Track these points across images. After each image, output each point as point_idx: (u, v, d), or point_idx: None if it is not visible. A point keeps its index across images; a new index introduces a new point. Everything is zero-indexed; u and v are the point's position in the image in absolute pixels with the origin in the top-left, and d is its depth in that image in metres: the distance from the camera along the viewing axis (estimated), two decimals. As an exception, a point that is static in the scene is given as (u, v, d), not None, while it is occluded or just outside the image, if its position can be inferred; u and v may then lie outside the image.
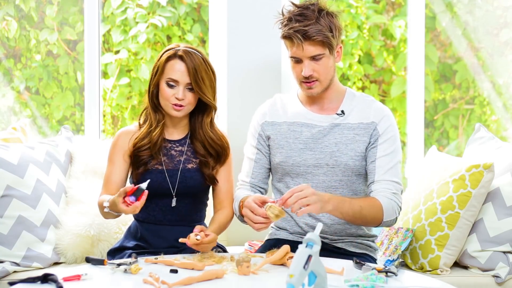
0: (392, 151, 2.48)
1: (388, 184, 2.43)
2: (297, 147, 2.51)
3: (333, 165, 2.48)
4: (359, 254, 2.52)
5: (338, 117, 2.51)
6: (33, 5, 4.01)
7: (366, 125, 2.49)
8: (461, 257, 2.80)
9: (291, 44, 2.43)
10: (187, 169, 2.51)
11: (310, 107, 2.55)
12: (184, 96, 2.45)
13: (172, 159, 2.52)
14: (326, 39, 2.40)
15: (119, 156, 2.52)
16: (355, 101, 2.54)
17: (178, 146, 2.54)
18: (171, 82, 2.45)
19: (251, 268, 2.05)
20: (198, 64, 2.45)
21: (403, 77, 4.33)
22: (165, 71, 2.46)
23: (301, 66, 2.44)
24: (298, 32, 2.38)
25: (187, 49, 2.47)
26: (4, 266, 2.70)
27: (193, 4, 4.25)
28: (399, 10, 4.43)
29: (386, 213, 2.39)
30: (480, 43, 4.19)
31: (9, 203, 2.76)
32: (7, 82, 3.97)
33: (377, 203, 2.37)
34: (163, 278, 1.95)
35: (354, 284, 1.89)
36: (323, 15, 2.41)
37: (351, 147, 2.47)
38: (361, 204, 2.34)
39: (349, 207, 2.31)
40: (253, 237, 3.11)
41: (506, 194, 2.76)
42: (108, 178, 2.51)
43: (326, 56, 2.43)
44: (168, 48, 2.50)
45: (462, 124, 4.43)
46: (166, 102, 2.46)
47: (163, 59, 2.47)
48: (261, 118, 2.59)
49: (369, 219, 2.38)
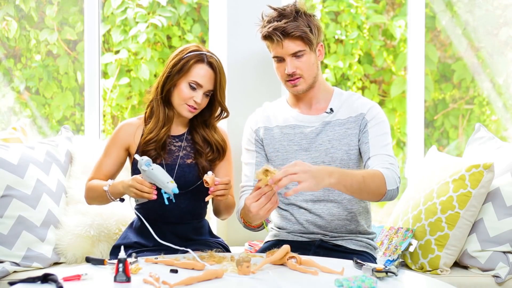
0: (383, 133, 2.49)
1: (384, 157, 2.43)
2: (292, 149, 2.55)
3: (329, 162, 2.51)
4: (359, 252, 2.53)
5: (328, 115, 2.56)
6: (33, 5, 4.01)
7: (355, 118, 2.53)
8: (461, 257, 2.80)
9: (272, 43, 2.50)
10: (186, 164, 2.54)
11: (299, 109, 2.60)
12: (201, 101, 2.49)
13: (171, 154, 2.55)
14: (304, 35, 2.46)
15: (116, 149, 2.56)
16: (342, 98, 2.59)
17: (178, 142, 2.57)
18: (194, 85, 2.48)
19: (251, 268, 2.05)
20: (221, 72, 2.51)
21: (403, 77, 4.33)
22: (190, 72, 2.47)
23: (283, 65, 2.50)
24: (277, 29, 2.46)
25: (214, 56, 2.51)
26: (4, 266, 2.70)
27: (193, 4, 4.25)
28: (399, 10, 4.43)
29: (388, 181, 2.34)
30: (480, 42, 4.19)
31: (9, 203, 2.76)
32: (7, 82, 3.97)
33: (378, 173, 2.33)
34: (163, 278, 1.95)
35: (340, 283, 1.90)
36: (300, 14, 2.50)
37: (344, 142, 2.51)
38: (363, 175, 2.28)
39: (352, 179, 2.22)
40: (253, 237, 3.12)
41: (506, 194, 2.76)
42: (99, 167, 2.57)
43: (307, 52, 2.49)
44: (193, 49, 2.50)
45: (462, 124, 4.43)
46: (182, 102, 2.49)
47: (192, 61, 2.47)
48: (254, 125, 2.64)
49: (373, 189, 2.30)
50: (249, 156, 2.62)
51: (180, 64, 2.48)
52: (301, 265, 2.12)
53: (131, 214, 2.82)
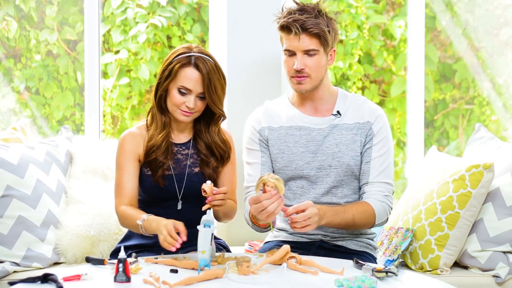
0: (385, 151, 2.52)
1: (380, 187, 2.50)
2: (298, 151, 2.52)
3: (336, 166, 2.50)
4: (359, 252, 2.53)
5: (335, 118, 2.54)
6: (33, 5, 4.01)
7: (362, 125, 2.52)
8: (461, 257, 2.80)
9: (288, 35, 2.46)
10: (194, 173, 2.50)
11: (304, 110, 2.57)
12: (195, 105, 2.42)
13: (179, 163, 2.50)
14: (322, 33, 2.44)
15: (129, 161, 2.47)
16: (348, 101, 2.57)
17: (185, 150, 2.53)
18: (183, 90, 2.41)
19: (251, 268, 2.05)
20: (212, 72, 2.41)
21: (403, 77, 4.33)
22: (177, 77, 2.41)
23: (293, 60, 2.47)
24: (297, 21, 2.43)
25: (201, 56, 2.42)
26: (4, 266, 2.70)
27: (193, 4, 4.25)
28: (399, 10, 4.43)
29: (378, 216, 2.48)
30: (480, 42, 4.19)
31: (9, 203, 2.76)
32: (7, 82, 3.97)
33: (370, 209, 2.45)
34: (163, 278, 1.95)
35: (340, 283, 1.90)
36: (322, 14, 2.47)
37: (351, 148, 2.50)
38: (353, 213, 2.42)
39: (341, 219, 2.39)
40: (253, 237, 3.11)
41: (506, 194, 2.76)
42: (121, 186, 2.45)
43: (320, 53, 2.47)
44: (181, 52, 2.43)
45: (462, 124, 4.44)
46: (175, 108, 2.43)
47: (177, 65, 2.40)
48: (257, 124, 2.59)
49: (360, 225, 2.48)
50: (252, 156, 2.59)
51: (168, 69, 2.42)
52: (301, 265, 2.12)
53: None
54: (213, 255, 2.15)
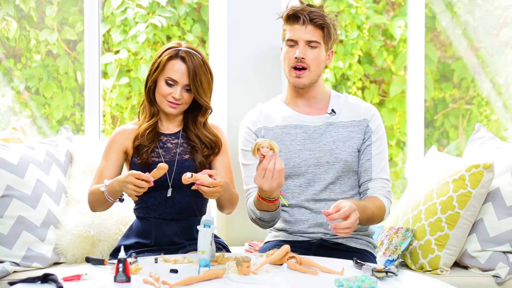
0: (383, 149, 2.60)
1: (383, 183, 2.56)
2: (295, 149, 2.55)
3: (333, 162, 2.53)
4: (359, 250, 2.53)
5: (330, 116, 2.58)
6: (33, 5, 4.01)
7: (358, 123, 2.58)
8: (461, 257, 2.80)
9: (293, 24, 2.53)
10: (184, 159, 2.55)
11: (298, 109, 2.61)
12: (181, 96, 2.52)
13: (169, 151, 2.57)
14: (327, 26, 2.52)
15: (114, 153, 2.58)
16: (341, 101, 2.63)
17: (174, 139, 2.60)
18: (170, 81, 2.52)
19: (251, 268, 2.05)
20: (198, 66, 2.52)
21: (403, 77, 4.33)
22: (165, 69, 2.53)
23: (295, 50, 2.53)
24: (305, 10, 2.52)
25: (189, 50, 2.54)
26: (4, 266, 2.70)
27: (193, 4, 4.25)
28: (399, 10, 4.44)
29: (387, 212, 2.54)
30: (480, 42, 4.19)
31: (9, 203, 2.76)
32: (7, 82, 3.97)
33: (382, 204, 2.51)
34: (163, 278, 1.95)
35: (340, 283, 1.90)
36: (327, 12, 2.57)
37: (348, 144, 2.55)
38: (373, 208, 2.46)
39: (366, 214, 2.42)
40: (253, 237, 3.12)
41: (506, 194, 2.76)
42: (101, 172, 2.57)
43: (321, 47, 2.54)
44: (170, 47, 2.56)
45: (462, 124, 4.44)
46: (162, 99, 2.54)
47: (165, 58, 2.53)
48: (253, 126, 2.62)
49: (375, 220, 2.53)
50: (248, 157, 2.60)
51: (157, 62, 2.55)
52: (301, 265, 2.12)
53: (131, 214, 2.81)
54: (213, 255, 2.15)
